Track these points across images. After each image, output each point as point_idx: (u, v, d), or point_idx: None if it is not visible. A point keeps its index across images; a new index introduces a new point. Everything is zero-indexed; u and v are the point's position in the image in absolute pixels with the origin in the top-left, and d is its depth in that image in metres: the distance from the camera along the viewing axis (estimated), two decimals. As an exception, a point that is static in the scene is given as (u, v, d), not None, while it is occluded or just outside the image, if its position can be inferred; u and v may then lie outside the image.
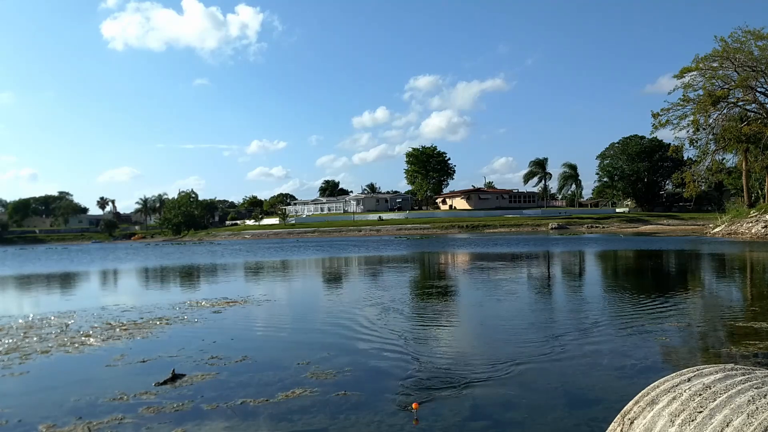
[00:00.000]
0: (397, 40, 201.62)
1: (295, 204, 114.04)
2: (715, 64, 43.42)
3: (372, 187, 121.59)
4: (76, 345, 7.18)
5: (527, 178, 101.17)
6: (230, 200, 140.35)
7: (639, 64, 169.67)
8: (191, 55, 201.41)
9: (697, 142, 47.00)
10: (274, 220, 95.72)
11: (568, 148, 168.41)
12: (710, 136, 46.00)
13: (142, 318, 9.25)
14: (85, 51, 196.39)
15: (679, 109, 45.71)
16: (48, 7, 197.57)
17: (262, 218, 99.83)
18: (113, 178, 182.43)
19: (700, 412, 2.39)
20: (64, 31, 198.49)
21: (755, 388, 2.42)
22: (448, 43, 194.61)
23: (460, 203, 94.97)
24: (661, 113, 46.36)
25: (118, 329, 8.23)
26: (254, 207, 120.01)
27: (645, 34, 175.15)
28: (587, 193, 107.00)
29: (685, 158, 53.39)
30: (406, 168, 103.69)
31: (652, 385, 2.94)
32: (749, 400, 2.28)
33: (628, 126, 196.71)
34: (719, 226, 42.15)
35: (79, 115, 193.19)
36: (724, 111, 45.00)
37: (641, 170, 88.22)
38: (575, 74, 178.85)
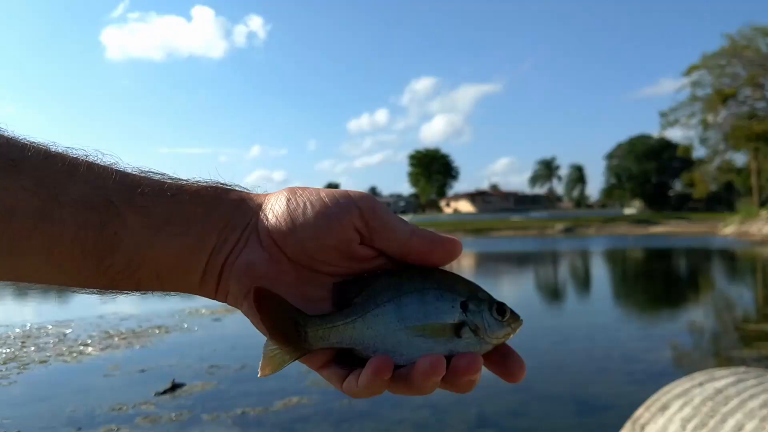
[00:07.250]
0: (397, 41, 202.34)
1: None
2: (722, 62, 43.11)
3: (373, 191, 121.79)
4: (74, 354, 7.13)
5: (533, 180, 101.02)
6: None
7: (639, 64, 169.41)
8: (196, 63, 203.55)
9: (707, 141, 46.68)
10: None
11: (571, 149, 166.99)
12: (720, 135, 45.68)
13: (140, 326, 9.20)
14: (85, 58, 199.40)
15: (687, 108, 45.45)
16: (53, 16, 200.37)
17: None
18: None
19: (712, 416, 2.33)
20: (65, 38, 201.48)
21: (769, 391, 2.36)
22: (448, 45, 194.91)
23: (465, 206, 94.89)
24: (669, 112, 46.12)
25: (116, 338, 8.19)
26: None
27: (646, 35, 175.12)
28: (593, 194, 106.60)
29: (695, 158, 52.96)
30: (410, 171, 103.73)
31: (663, 389, 2.84)
32: (762, 404, 2.23)
33: (630, 126, 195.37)
34: (729, 226, 41.76)
35: (78, 120, 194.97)
36: (733, 109, 44.66)
37: (649, 171, 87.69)
38: (576, 75, 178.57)
